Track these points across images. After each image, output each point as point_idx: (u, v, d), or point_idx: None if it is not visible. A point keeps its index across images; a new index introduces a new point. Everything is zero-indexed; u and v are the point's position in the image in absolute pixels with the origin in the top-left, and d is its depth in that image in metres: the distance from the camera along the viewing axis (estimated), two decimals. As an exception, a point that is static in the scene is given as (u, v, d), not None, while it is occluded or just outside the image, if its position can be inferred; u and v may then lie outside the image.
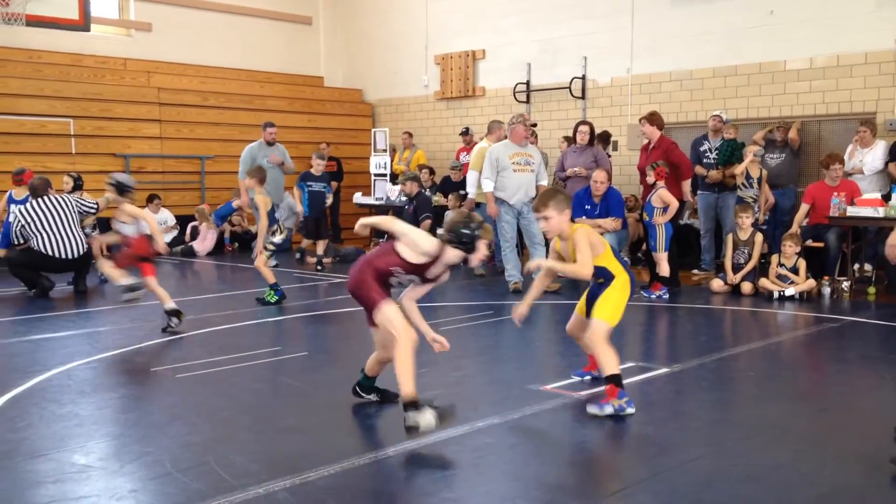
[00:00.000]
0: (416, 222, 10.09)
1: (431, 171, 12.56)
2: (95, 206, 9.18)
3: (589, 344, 4.55)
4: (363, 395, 4.52)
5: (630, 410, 4.24)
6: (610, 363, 4.30)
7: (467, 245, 4.04)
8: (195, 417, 4.28)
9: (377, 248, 4.21)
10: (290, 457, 3.65)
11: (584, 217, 8.92)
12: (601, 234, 8.69)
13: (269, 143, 11.51)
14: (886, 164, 9.24)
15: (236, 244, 13.41)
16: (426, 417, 3.71)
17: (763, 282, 8.24)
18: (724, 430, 4.21)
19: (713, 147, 10.06)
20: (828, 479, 3.42)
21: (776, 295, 8.04)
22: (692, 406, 4.71)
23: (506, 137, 9.11)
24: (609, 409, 4.23)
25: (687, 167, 8.94)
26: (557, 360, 5.81)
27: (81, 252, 8.68)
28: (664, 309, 7.81)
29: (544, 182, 8.95)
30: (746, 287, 8.31)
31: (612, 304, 4.46)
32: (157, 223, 12.62)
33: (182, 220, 13.07)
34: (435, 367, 5.45)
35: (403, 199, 10.03)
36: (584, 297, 4.78)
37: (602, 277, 4.53)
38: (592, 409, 4.27)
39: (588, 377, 4.95)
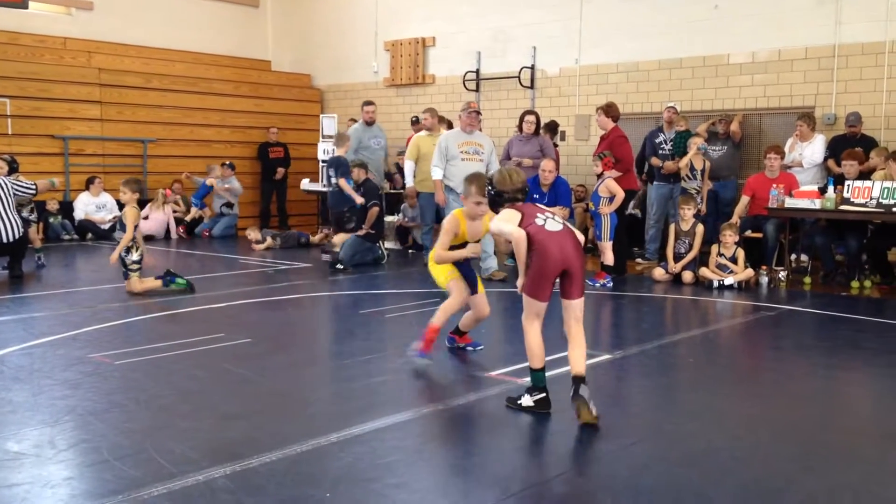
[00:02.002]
0: (363, 209, 10.04)
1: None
2: (34, 187, 8.93)
3: None
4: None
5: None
6: None
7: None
8: (133, 405, 4.20)
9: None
10: (230, 443, 3.61)
11: (532, 206, 8.99)
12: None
13: (369, 123, 11.05)
14: (826, 157, 9.50)
15: (180, 229, 13.18)
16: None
17: (703, 271, 8.42)
18: (662, 415, 4.30)
19: (668, 139, 10.22)
20: (761, 463, 3.52)
21: (716, 284, 8.22)
22: (633, 392, 4.80)
23: (430, 129, 9.61)
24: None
25: (628, 162, 9.03)
26: (503, 347, 5.85)
27: (18, 236, 8.43)
28: (608, 297, 7.92)
29: (494, 171, 8.97)
30: (687, 276, 8.47)
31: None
32: (97, 206, 12.42)
33: (122, 206, 12.76)
34: (381, 354, 5.44)
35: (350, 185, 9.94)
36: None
37: None
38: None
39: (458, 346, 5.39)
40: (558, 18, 12.21)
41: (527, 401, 4.13)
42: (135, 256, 7.55)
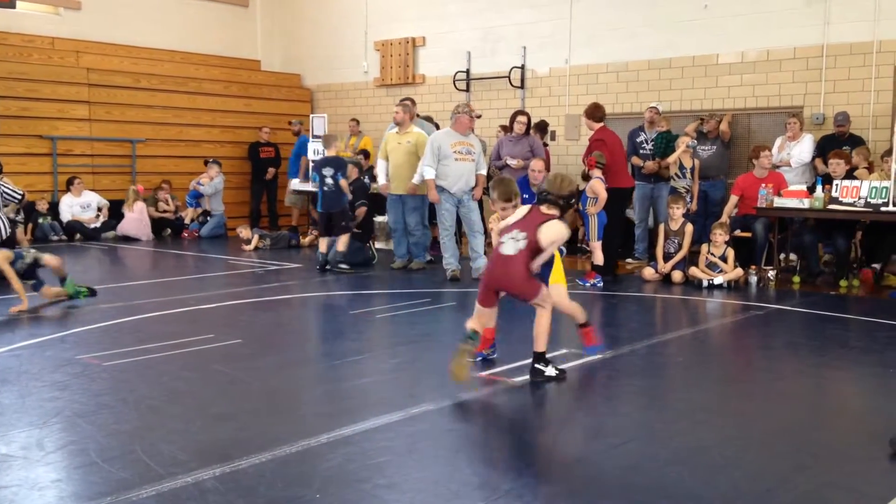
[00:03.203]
0: (351, 209, 10.03)
1: (366, 155, 12.42)
2: (20, 195, 8.78)
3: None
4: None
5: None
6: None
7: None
8: (122, 406, 4.18)
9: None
10: (220, 445, 3.60)
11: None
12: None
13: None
14: (813, 157, 9.54)
15: (169, 230, 13.13)
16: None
17: (693, 270, 8.44)
18: (652, 414, 4.31)
19: (649, 138, 10.25)
20: (751, 462, 3.53)
21: (705, 283, 8.24)
22: (623, 391, 4.80)
23: (399, 124, 9.33)
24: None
25: (611, 162, 9.02)
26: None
27: (4, 237, 8.37)
28: (598, 297, 7.92)
29: (483, 171, 8.97)
30: (677, 276, 8.49)
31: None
32: (81, 206, 12.35)
33: (114, 205, 12.71)
34: (371, 355, 5.44)
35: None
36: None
37: None
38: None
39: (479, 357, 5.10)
40: (548, 18, 12.23)
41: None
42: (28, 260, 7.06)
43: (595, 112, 8.98)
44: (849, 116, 9.43)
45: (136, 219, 12.50)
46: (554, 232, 4.67)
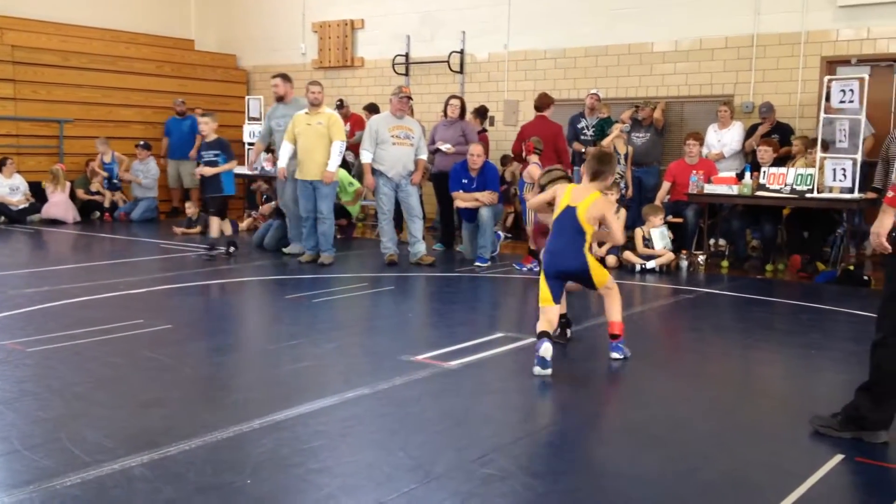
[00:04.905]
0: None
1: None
2: None
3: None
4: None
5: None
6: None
7: None
8: (47, 393, 4.06)
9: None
10: (148, 431, 3.53)
11: (460, 190, 9.01)
12: (478, 207, 8.87)
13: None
14: (743, 144, 9.79)
15: (98, 213, 12.77)
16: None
17: (627, 255, 8.59)
18: (584, 396, 4.39)
19: (590, 125, 10.37)
20: (677, 442, 3.62)
21: (638, 268, 8.40)
22: (555, 373, 4.86)
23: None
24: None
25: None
26: (429, 332, 5.87)
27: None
28: (534, 281, 7.99)
29: (423, 156, 8.93)
30: (611, 260, 8.63)
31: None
32: (10, 188, 11.92)
33: (38, 187, 12.29)
34: (307, 339, 5.39)
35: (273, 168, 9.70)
36: None
37: None
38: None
39: None
40: (487, 4, 12.23)
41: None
42: None
43: (537, 101, 9.23)
44: (773, 107, 9.69)
45: (61, 201, 12.13)
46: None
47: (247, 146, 13.55)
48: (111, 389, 4.18)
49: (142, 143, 13.03)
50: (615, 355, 4.95)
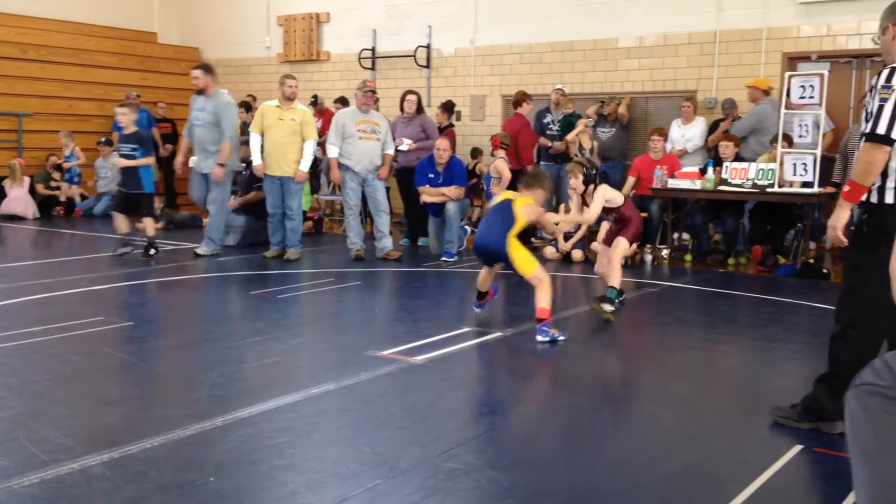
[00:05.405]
0: (249, 189, 9.81)
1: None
2: None
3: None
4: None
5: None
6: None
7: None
8: (4, 391, 3.99)
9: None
10: (109, 430, 3.48)
11: (427, 185, 9.00)
12: (444, 202, 8.86)
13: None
14: (706, 139, 9.90)
15: (58, 209, 12.55)
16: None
17: (594, 246, 8.63)
18: (550, 388, 4.41)
19: (556, 119, 10.41)
20: (639, 433, 3.66)
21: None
22: (522, 367, 4.89)
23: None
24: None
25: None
26: (395, 327, 5.86)
27: None
28: (500, 276, 8.01)
29: (390, 151, 8.89)
30: (577, 255, 8.69)
31: None
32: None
33: (-2, 182, 12.06)
34: (272, 335, 5.36)
35: (241, 164, 9.61)
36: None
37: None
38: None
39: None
40: (453, -2, 12.23)
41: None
42: None
43: (515, 95, 9.28)
44: (735, 103, 9.82)
45: (20, 197, 11.90)
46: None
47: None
48: (71, 387, 4.11)
49: (104, 139, 12.82)
50: (539, 338, 5.19)
